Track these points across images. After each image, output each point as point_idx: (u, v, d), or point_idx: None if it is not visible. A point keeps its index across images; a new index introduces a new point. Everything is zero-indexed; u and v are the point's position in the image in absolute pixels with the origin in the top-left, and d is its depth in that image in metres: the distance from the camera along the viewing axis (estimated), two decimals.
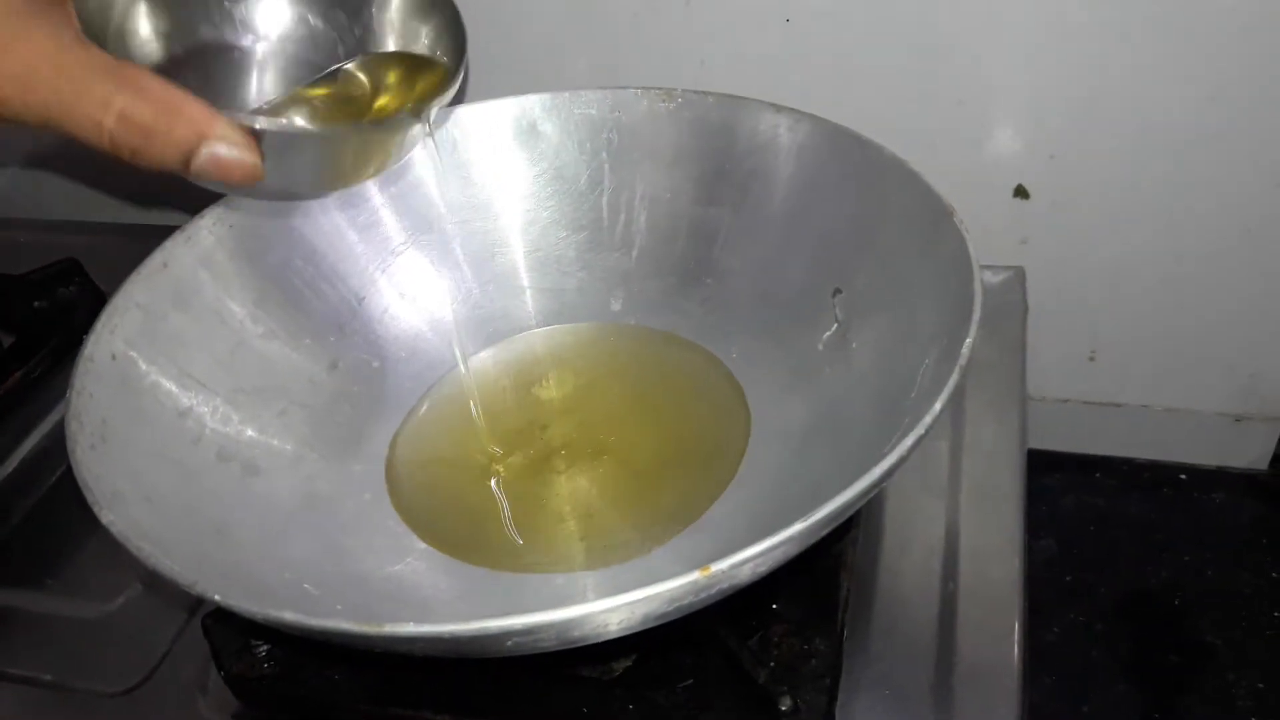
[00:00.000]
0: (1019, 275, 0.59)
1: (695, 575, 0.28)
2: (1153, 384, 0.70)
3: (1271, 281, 0.63)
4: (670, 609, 0.30)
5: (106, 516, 0.32)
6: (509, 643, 0.29)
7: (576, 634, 0.29)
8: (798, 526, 0.29)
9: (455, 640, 0.28)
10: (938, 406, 0.32)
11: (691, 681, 0.39)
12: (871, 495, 0.31)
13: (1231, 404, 0.70)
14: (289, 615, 0.28)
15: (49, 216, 0.76)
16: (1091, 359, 0.69)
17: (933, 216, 0.41)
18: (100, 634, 0.46)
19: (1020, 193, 0.62)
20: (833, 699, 0.38)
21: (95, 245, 0.69)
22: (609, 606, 0.28)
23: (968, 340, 0.34)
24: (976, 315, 0.35)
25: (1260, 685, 0.60)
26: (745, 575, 0.30)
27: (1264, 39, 0.53)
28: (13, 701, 0.44)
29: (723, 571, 0.28)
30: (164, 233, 0.69)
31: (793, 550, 0.30)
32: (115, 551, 0.32)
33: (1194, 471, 0.72)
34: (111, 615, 0.47)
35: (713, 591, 0.30)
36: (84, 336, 0.61)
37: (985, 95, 0.59)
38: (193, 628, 0.45)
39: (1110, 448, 0.74)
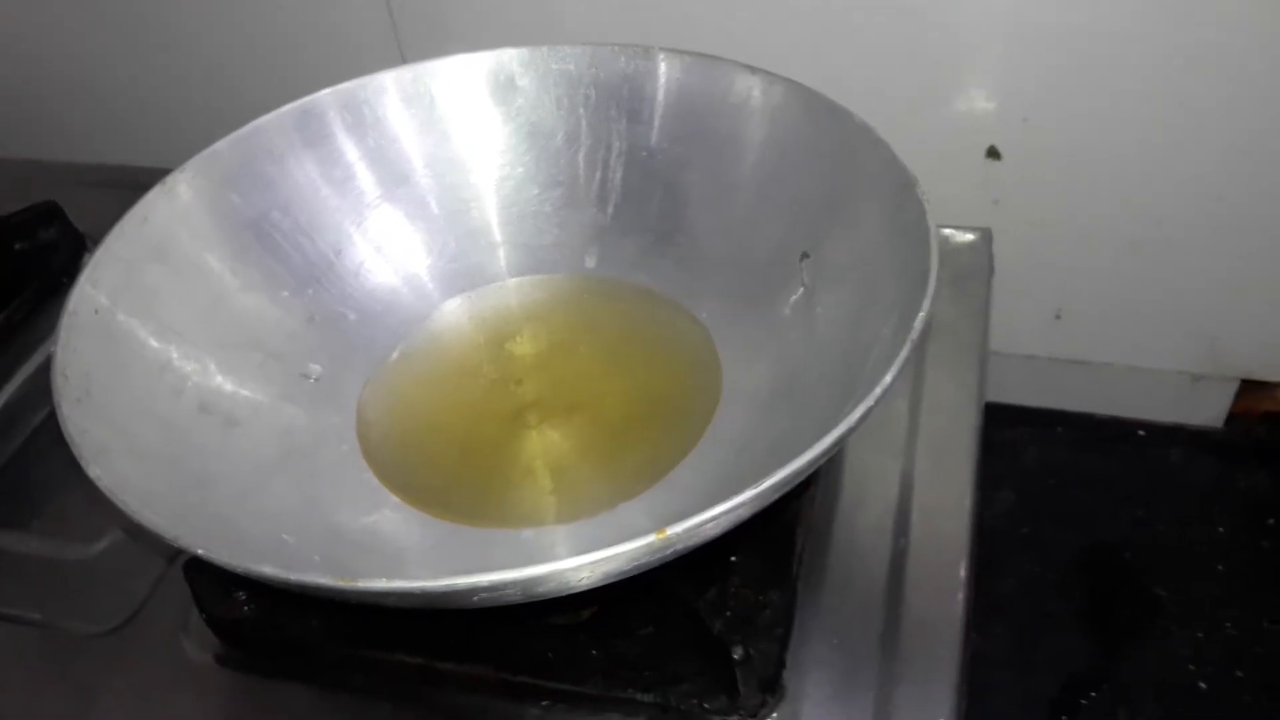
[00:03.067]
0: (986, 236, 0.61)
1: (651, 538, 0.30)
2: (1116, 343, 0.72)
3: (1236, 247, 0.65)
4: (630, 567, 0.31)
5: (93, 471, 0.33)
6: (475, 598, 0.30)
7: (540, 589, 0.31)
8: (748, 493, 0.31)
9: (425, 595, 0.30)
10: (888, 378, 0.33)
11: (652, 630, 0.41)
12: (822, 462, 0.33)
13: (1191, 364, 0.72)
14: (268, 569, 0.30)
15: (24, 155, 0.76)
16: (1058, 318, 0.71)
17: (897, 186, 0.42)
18: (84, 575, 0.47)
19: (993, 154, 0.64)
20: (784, 648, 0.40)
21: (72, 186, 0.69)
22: (571, 566, 0.29)
23: (920, 314, 0.36)
24: (931, 289, 0.37)
25: (1199, 635, 0.63)
26: (701, 537, 0.32)
27: (1239, 11, 0.54)
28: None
29: (678, 534, 0.30)
30: (141, 174, 0.70)
31: (745, 514, 0.32)
32: (99, 495, 0.34)
33: (1152, 428, 0.75)
34: (95, 557, 0.48)
35: (669, 552, 0.31)
36: (64, 279, 0.63)
37: (962, 57, 0.60)
38: (175, 570, 0.46)
39: (1072, 403, 0.76)
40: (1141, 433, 0.74)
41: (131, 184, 0.68)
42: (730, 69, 0.49)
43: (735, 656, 0.38)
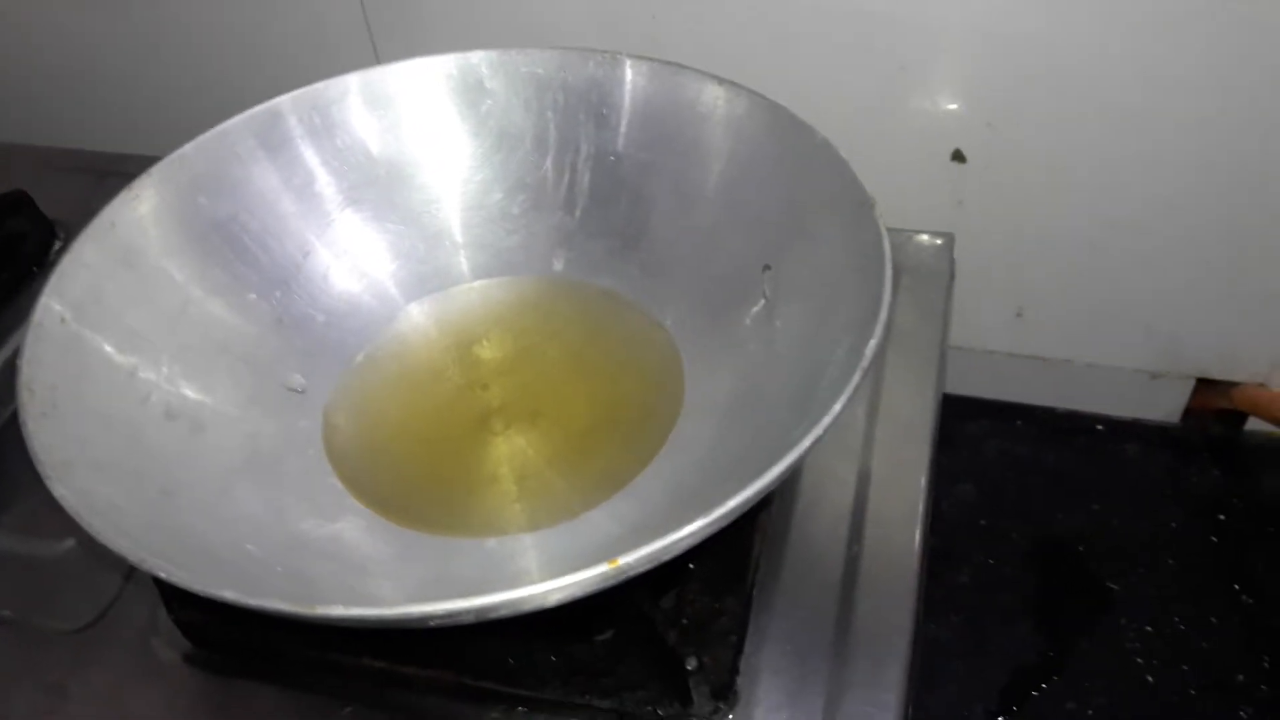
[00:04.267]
0: (948, 241, 0.61)
1: (604, 567, 0.31)
2: (1076, 340, 0.73)
3: (1192, 250, 0.66)
4: (583, 594, 0.32)
5: (59, 490, 0.34)
6: (431, 623, 0.31)
7: (493, 616, 0.32)
8: (698, 523, 0.32)
9: (381, 621, 0.31)
10: (837, 407, 0.34)
11: (610, 636, 0.43)
12: (777, 485, 0.34)
13: (1149, 361, 0.73)
14: (228, 594, 0.31)
15: None
16: (1019, 315, 0.73)
17: (855, 204, 0.43)
18: (53, 573, 0.48)
19: (958, 157, 0.64)
20: (738, 654, 0.42)
21: (39, 171, 0.69)
22: (524, 595, 0.30)
23: (872, 342, 0.37)
24: (883, 317, 0.37)
25: (1148, 628, 0.65)
26: (656, 561, 0.33)
27: (1202, 25, 0.55)
28: None
29: (630, 564, 0.31)
30: (111, 160, 0.70)
31: (695, 541, 0.33)
32: None
33: (1110, 422, 0.76)
34: (64, 555, 0.48)
35: (623, 577, 0.33)
36: (34, 269, 0.63)
37: (928, 62, 0.60)
38: (142, 571, 0.47)
39: (1032, 397, 0.78)
40: (1100, 427, 0.76)
41: (103, 170, 0.69)
42: (696, 78, 0.50)
43: (689, 667, 0.39)
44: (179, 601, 0.44)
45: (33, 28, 0.75)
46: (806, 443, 0.33)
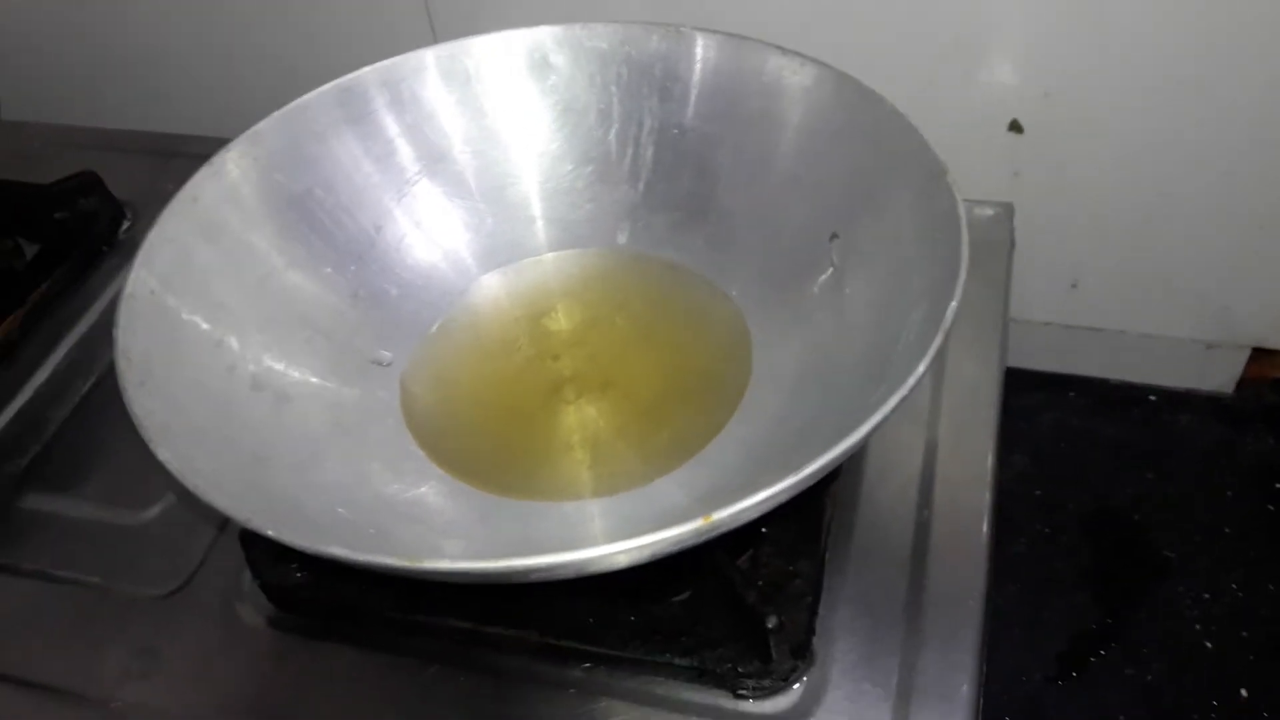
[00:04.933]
0: (1007, 211, 0.62)
1: (699, 522, 0.31)
2: (1130, 311, 0.73)
3: (1248, 218, 0.66)
4: (675, 549, 0.33)
5: (163, 454, 0.35)
6: (532, 576, 0.32)
7: (592, 570, 0.33)
8: (789, 480, 0.32)
9: (486, 574, 0.31)
10: (920, 368, 0.35)
11: (687, 596, 0.43)
12: (857, 449, 0.35)
13: (1203, 331, 0.73)
14: (337, 550, 0.32)
15: (60, 121, 0.77)
16: (1074, 286, 0.73)
17: (927, 173, 0.43)
18: (138, 540, 0.50)
19: (1015, 127, 0.64)
20: (814, 615, 0.43)
21: (108, 153, 0.70)
22: (626, 547, 0.31)
23: (952, 304, 0.37)
24: (962, 278, 0.38)
25: (1206, 596, 0.65)
26: (742, 520, 0.33)
27: None
28: (57, 601, 0.48)
29: (723, 519, 0.32)
30: (177, 141, 0.71)
31: (784, 499, 0.33)
32: (150, 462, 0.35)
33: (1163, 393, 0.76)
34: (148, 522, 0.50)
35: (712, 535, 0.33)
36: (104, 248, 0.64)
37: (983, 31, 0.60)
38: (227, 535, 0.48)
39: (1086, 368, 0.78)
40: (1153, 398, 0.76)
41: (167, 151, 0.70)
42: (761, 50, 0.50)
43: (769, 625, 0.40)
44: (264, 565, 0.45)
45: (96, 10, 0.77)
46: (893, 401, 0.34)
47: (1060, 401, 0.76)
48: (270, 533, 0.33)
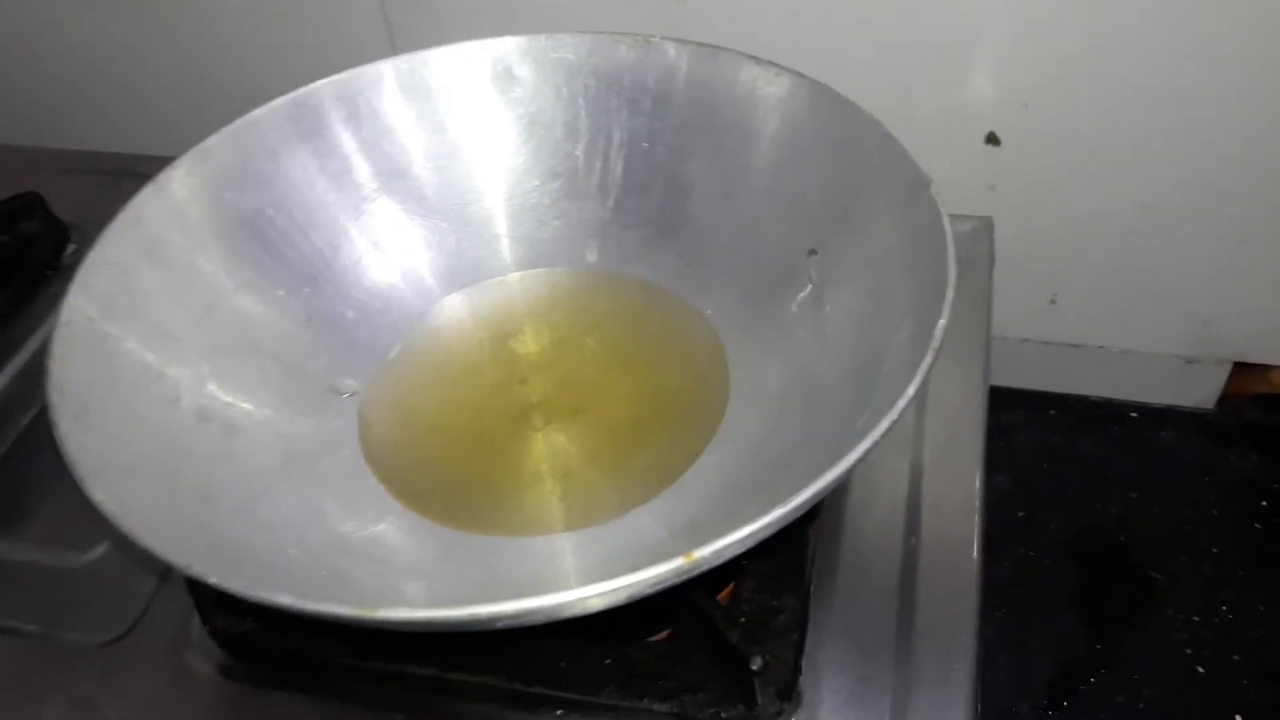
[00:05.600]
0: (987, 225, 0.60)
1: (679, 561, 0.29)
2: (1110, 326, 0.72)
3: (1229, 232, 0.65)
4: (653, 590, 0.31)
5: (97, 495, 0.32)
6: (499, 624, 0.30)
7: (564, 615, 0.30)
8: (776, 513, 0.30)
9: (449, 623, 0.29)
10: (911, 390, 0.33)
11: (665, 636, 0.41)
12: (849, 476, 0.32)
13: (1184, 347, 0.72)
14: (284, 599, 0.29)
15: (2, 140, 0.73)
16: (1053, 302, 0.71)
17: (909, 185, 0.41)
18: (80, 583, 0.47)
19: (992, 139, 0.63)
20: (800, 653, 0.40)
21: (51, 173, 0.67)
22: (602, 590, 0.29)
23: (940, 322, 0.35)
24: (949, 295, 0.36)
25: (1195, 618, 0.64)
26: (727, 557, 0.31)
27: (1241, 3, 0.54)
28: None
29: (705, 557, 0.30)
30: (124, 160, 0.68)
31: (770, 533, 0.31)
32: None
33: (1145, 409, 0.75)
34: (91, 564, 0.47)
35: (695, 573, 0.31)
36: (48, 272, 0.61)
37: (963, 40, 0.59)
38: (175, 579, 0.46)
39: (1066, 385, 0.76)
40: (1134, 414, 0.74)
41: (117, 171, 0.67)
42: (735, 60, 0.48)
43: (754, 667, 0.37)
44: (214, 611, 0.42)
45: (41, 27, 0.74)
46: (883, 425, 0.32)
47: (1040, 419, 0.74)
48: (214, 580, 0.30)
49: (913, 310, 0.39)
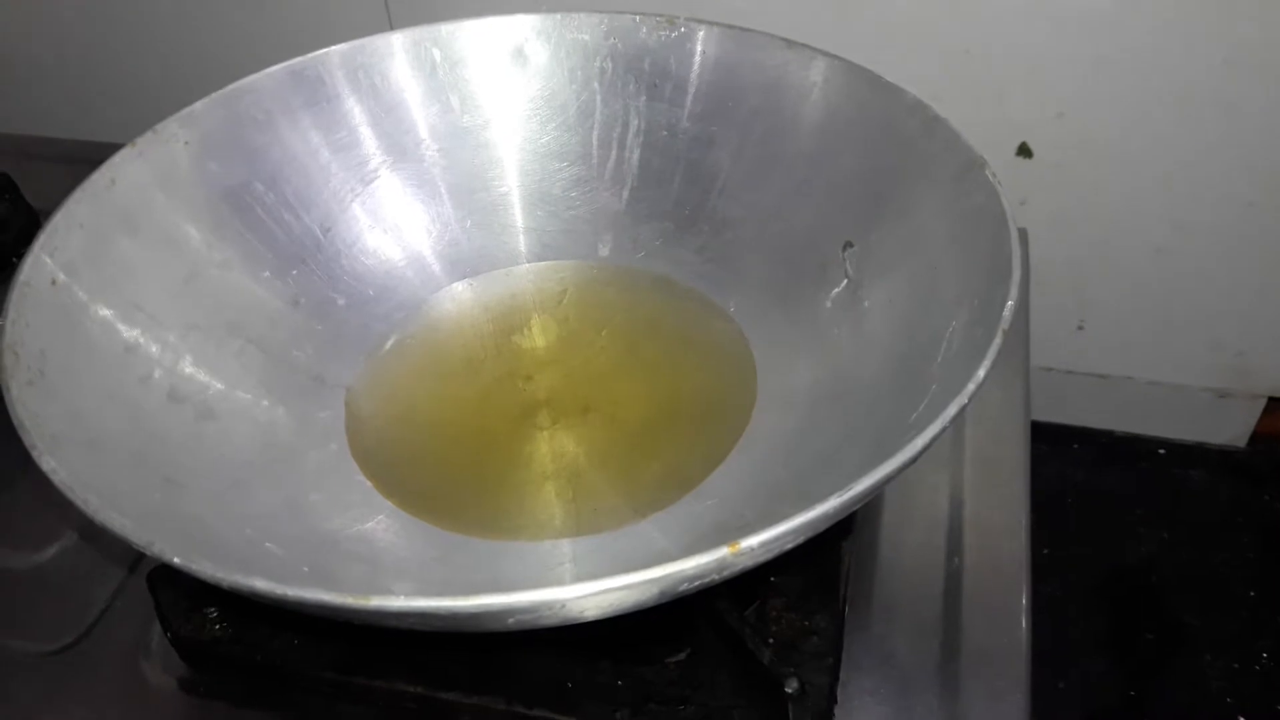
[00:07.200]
0: (1022, 238, 0.57)
1: (724, 551, 0.25)
2: (1139, 356, 0.69)
3: (1266, 256, 0.62)
4: (693, 586, 0.27)
5: (47, 463, 0.28)
6: (510, 620, 0.25)
7: (583, 618, 0.26)
8: (833, 502, 0.26)
9: (455, 615, 0.25)
10: (981, 372, 0.29)
11: (684, 655, 0.37)
12: (906, 470, 0.28)
13: (1216, 379, 0.69)
14: (260, 583, 0.25)
15: None
16: (1080, 328, 0.68)
17: (959, 168, 0.38)
18: (29, 585, 0.42)
19: (1024, 151, 0.60)
20: (835, 680, 0.36)
21: (26, 160, 0.63)
22: (630, 582, 0.25)
23: (1009, 303, 0.32)
24: (1016, 275, 0.33)
25: (1235, 665, 0.60)
26: (772, 553, 0.27)
27: None
28: None
29: (752, 548, 0.25)
30: (103, 149, 0.64)
31: (829, 523, 0.27)
32: (49, 497, 0.28)
33: (1173, 446, 0.71)
34: (44, 565, 0.43)
35: (733, 572, 0.27)
36: (15, 259, 0.57)
37: (995, 46, 0.56)
38: (135, 581, 0.41)
39: (1091, 419, 0.73)
40: (1162, 451, 0.71)
41: (93, 160, 0.63)
42: (764, 42, 0.45)
43: (789, 691, 0.33)
44: (177, 615, 0.37)
45: (12, 7, 0.70)
46: (952, 409, 0.28)
47: (1063, 454, 0.71)
48: (177, 561, 0.26)
49: (965, 298, 0.35)
